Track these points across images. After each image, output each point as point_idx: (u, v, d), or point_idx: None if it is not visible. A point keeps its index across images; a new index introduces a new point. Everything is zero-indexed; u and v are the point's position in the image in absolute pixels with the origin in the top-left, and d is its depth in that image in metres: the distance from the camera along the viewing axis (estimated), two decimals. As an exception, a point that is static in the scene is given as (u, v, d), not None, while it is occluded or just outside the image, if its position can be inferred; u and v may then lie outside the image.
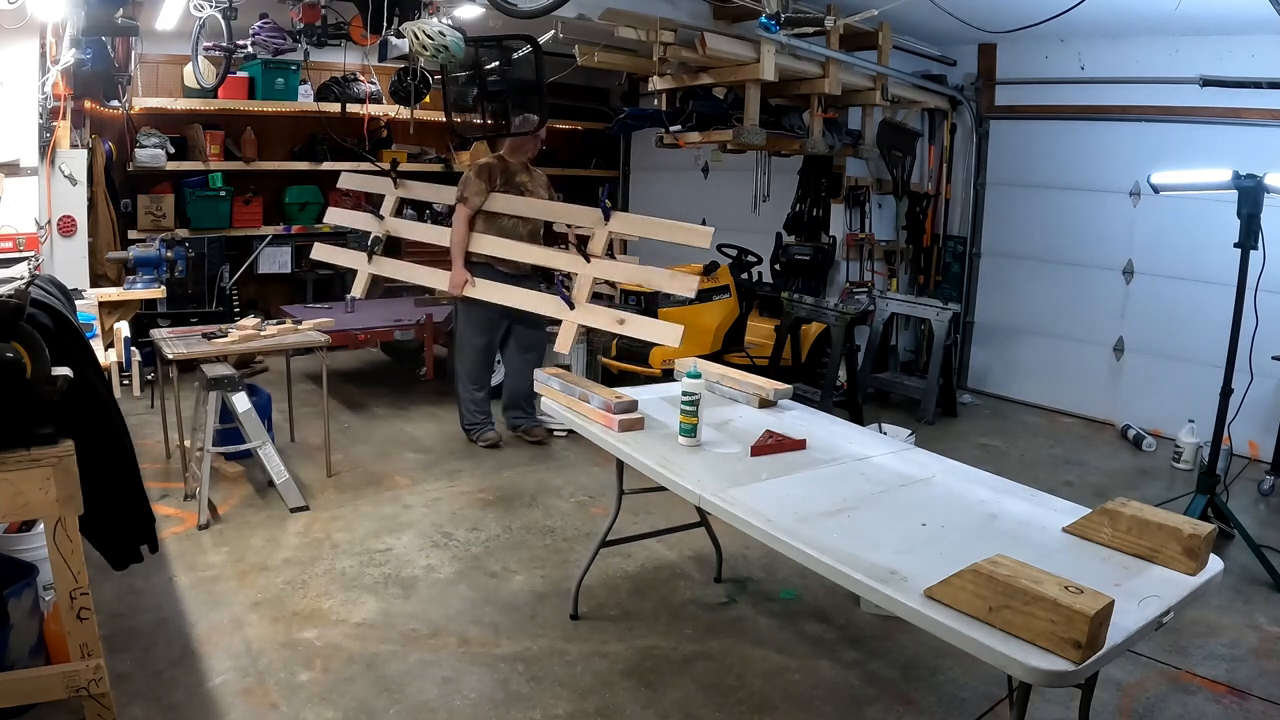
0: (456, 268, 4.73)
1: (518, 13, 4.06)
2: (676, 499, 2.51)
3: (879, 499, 2.32)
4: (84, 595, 2.01)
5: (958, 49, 6.59)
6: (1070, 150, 6.15)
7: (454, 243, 4.79)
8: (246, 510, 3.98)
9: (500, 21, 4.97)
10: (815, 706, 2.67)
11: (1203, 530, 1.90)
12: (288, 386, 5.11)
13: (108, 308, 4.86)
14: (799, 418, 3.06)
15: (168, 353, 4.00)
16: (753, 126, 5.27)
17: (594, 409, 2.87)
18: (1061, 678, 1.54)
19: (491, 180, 4.78)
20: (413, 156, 8.01)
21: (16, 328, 1.90)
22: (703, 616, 3.21)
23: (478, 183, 4.77)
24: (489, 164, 4.83)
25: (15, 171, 4.54)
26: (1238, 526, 3.78)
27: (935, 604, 1.71)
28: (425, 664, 2.81)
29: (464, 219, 4.77)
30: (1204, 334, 5.01)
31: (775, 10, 4.52)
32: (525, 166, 4.94)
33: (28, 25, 4.34)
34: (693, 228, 4.44)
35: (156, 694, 2.57)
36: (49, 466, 1.93)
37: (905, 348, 6.95)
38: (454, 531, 3.86)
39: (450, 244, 4.82)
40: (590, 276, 4.55)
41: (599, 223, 4.65)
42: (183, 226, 6.69)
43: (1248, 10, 4.44)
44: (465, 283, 4.70)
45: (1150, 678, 2.87)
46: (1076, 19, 4.43)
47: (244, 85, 6.88)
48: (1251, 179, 3.53)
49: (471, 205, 4.76)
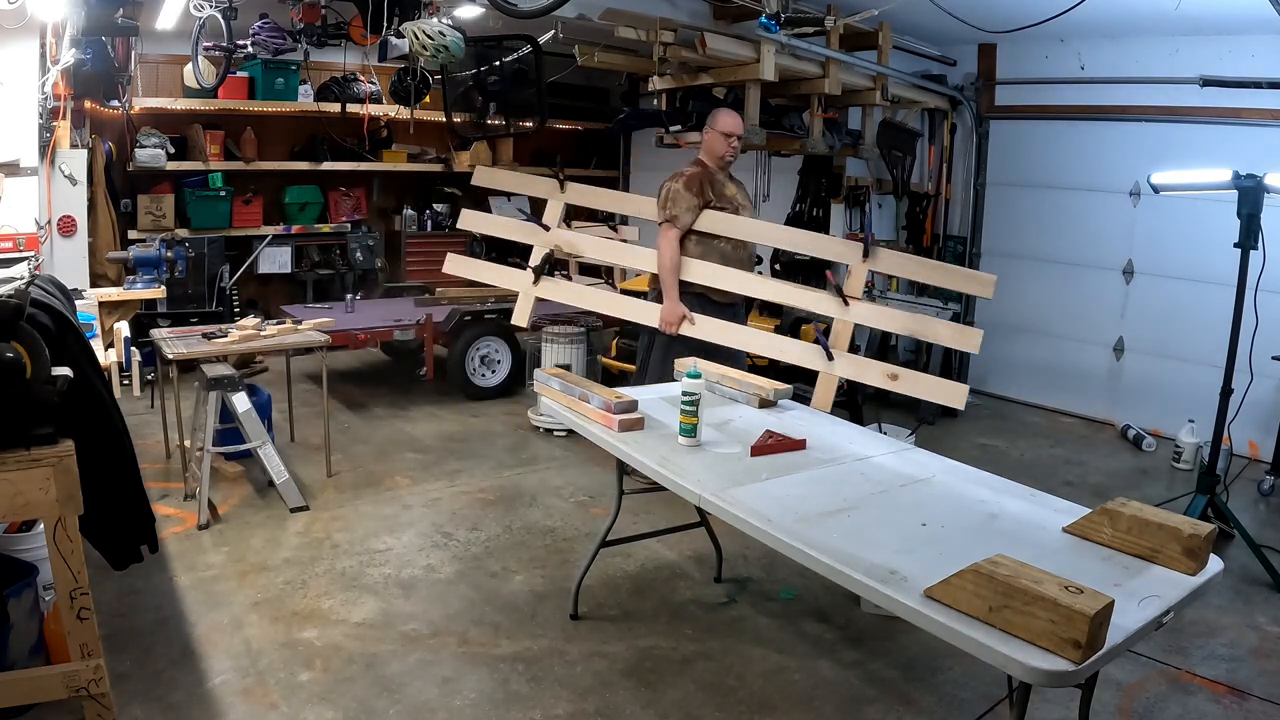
0: (670, 300, 3.99)
1: (518, 13, 4.06)
2: (676, 499, 2.51)
3: (879, 499, 2.32)
4: (84, 595, 2.01)
5: (958, 49, 6.59)
6: (1070, 150, 6.14)
7: (664, 269, 4.00)
8: (246, 510, 3.98)
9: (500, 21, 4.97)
10: (815, 706, 2.67)
11: (1203, 530, 1.90)
12: (288, 386, 5.11)
13: (108, 308, 4.86)
14: (799, 418, 3.06)
15: (168, 353, 4.00)
16: (753, 126, 5.27)
17: (594, 409, 2.86)
18: (1061, 678, 1.54)
19: (703, 194, 4.03)
20: (412, 156, 8.02)
21: (16, 328, 1.90)
22: (703, 616, 3.21)
23: (688, 197, 4.02)
24: (696, 174, 4.08)
25: (15, 171, 4.54)
26: (1238, 526, 3.78)
27: (935, 604, 1.71)
28: (425, 664, 2.81)
29: (673, 241, 4.00)
30: (1204, 334, 5.00)
31: (775, 10, 4.52)
32: (730, 175, 4.25)
33: (28, 25, 4.33)
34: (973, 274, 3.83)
35: (156, 694, 2.57)
36: (49, 466, 1.93)
37: (905, 348, 6.94)
38: (454, 531, 3.86)
39: (659, 270, 4.03)
40: (850, 324, 3.77)
41: (856, 258, 3.83)
42: (183, 226, 6.69)
43: (1248, 10, 4.44)
44: (683, 318, 3.95)
45: (1150, 678, 2.86)
46: (1076, 19, 4.43)
47: (244, 85, 6.88)
48: (1251, 179, 3.53)
49: (682, 225, 4.00)
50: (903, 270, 4.05)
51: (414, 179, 8.30)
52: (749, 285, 4.05)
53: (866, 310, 3.78)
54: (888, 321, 3.92)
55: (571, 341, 5.43)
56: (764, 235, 4.16)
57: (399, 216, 8.24)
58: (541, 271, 4.36)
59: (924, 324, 3.82)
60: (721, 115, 4.12)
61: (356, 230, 7.58)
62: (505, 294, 6.89)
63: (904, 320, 3.86)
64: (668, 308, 3.99)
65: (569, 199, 4.49)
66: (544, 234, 4.46)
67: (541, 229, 4.47)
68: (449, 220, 8.52)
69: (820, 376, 3.76)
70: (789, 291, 4.06)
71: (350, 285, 7.44)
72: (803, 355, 3.84)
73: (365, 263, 7.55)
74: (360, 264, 7.54)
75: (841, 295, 3.75)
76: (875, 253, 3.78)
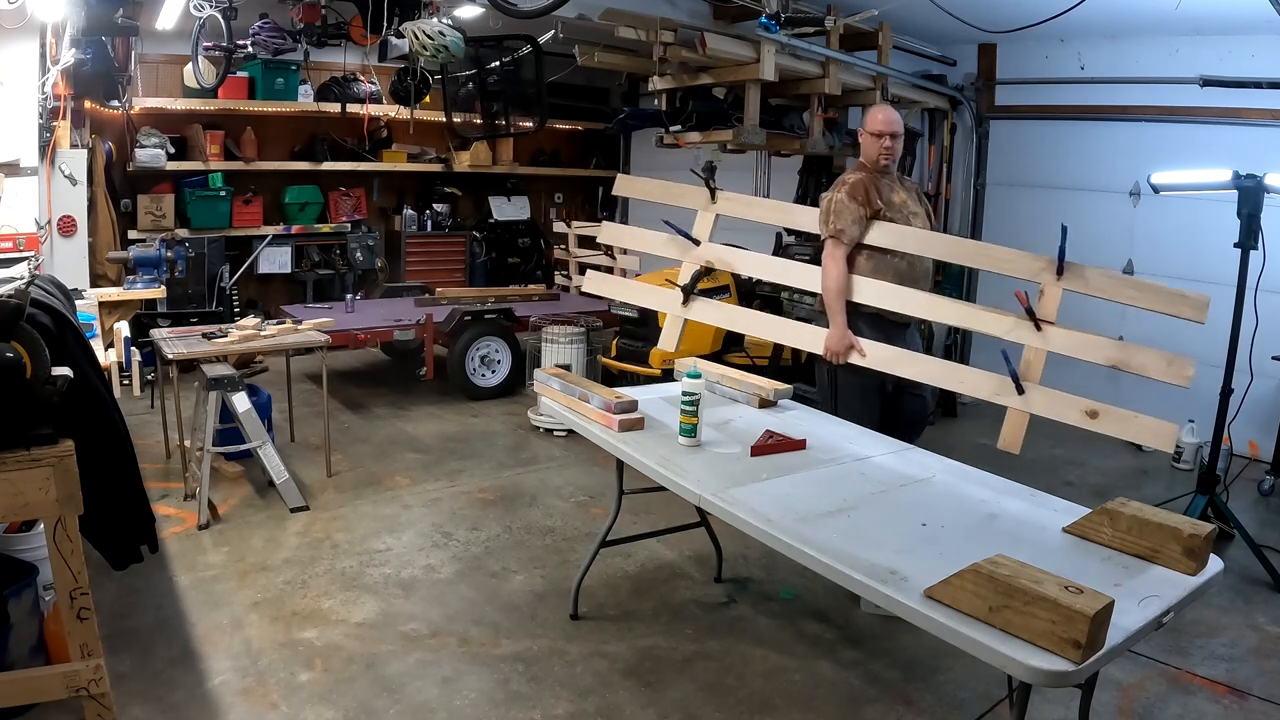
0: (836, 324, 3.43)
1: (518, 13, 4.06)
2: (676, 499, 2.51)
3: (879, 499, 2.32)
4: (84, 595, 2.01)
5: (958, 49, 6.59)
6: (1070, 150, 6.14)
7: (829, 291, 3.46)
8: (246, 510, 3.98)
9: (500, 21, 4.97)
10: (815, 706, 2.67)
11: (1203, 530, 1.90)
12: (288, 386, 5.11)
13: (108, 308, 4.86)
14: (799, 418, 3.06)
15: (168, 353, 4.00)
16: (753, 126, 5.27)
17: (594, 409, 2.86)
18: (1061, 678, 1.54)
19: (869, 203, 3.49)
20: (412, 156, 8.02)
21: (16, 328, 1.90)
22: (703, 616, 3.21)
23: (854, 208, 3.47)
24: (861, 181, 3.53)
25: (15, 171, 4.54)
26: (1238, 526, 3.78)
27: (935, 604, 1.71)
28: (425, 664, 2.81)
29: (840, 259, 3.48)
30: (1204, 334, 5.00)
31: (775, 10, 4.52)
32: (899, 179, 3.71)
33: (28, 25, 4.34)
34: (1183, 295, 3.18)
35: (156, 694, 2.57)
36: (49, 466, 1.93)
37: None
38: (454, 531, 3.86)
39: (824, 291, 3.49)
40: (1044, 351, 3.16)
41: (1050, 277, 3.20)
42: (183, 226, 6.69)
43: (1248, 10, 4.44)
44: (850, 347, 3.40)
45: (1150, 678, 2.86)
46: (1076, 19, 4.43)
47: (244, 85, 6.88)
48: (1251, 179, 3.53)
49: (849, 239, 3.47)
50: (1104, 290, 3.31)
51: (414, 179, 8.31)
52: (926, 306, 3.48)
53: (1064, 337, 3.14)
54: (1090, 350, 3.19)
55: (571, 341, 5.43)
56: (941, 249, 3.60)
57: (399, 216, 8.25)
58: (690, 291, 3.82)
59: (1129, 353, 3.16)
60: (871, 113, 3.65)
61: (356, 230, 7.59)
62: (505, 294, 6.94)
63: (1107, 349, 3.18)
64: (833, 334, 3.42)
65: (721, 210, 3.90)
66: (694, 249, 3.88)
67: (691, 244, 3.88)
68: (449, 220, 8.54)
69: (1010, 414, 3.12)
70: (973, 314, 3.45)
71: (350, 285, 7.45)
72: (984, 387, 3.21)
73: (365, 263, 7.56)
74: (360, 264, 7.55)
75: (1034, 319, 3.13)
76: (1073, 270, 3.18)
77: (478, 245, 8.76)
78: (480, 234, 8.77)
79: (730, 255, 3.90)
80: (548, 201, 9.44)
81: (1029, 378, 3.14)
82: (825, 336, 3.46)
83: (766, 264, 4.10)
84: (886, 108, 3.72)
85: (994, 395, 3.18)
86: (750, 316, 3.98)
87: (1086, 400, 3.11)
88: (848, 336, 3.41)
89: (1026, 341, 3.20)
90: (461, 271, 8.55)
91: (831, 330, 3.44)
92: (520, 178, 8.92)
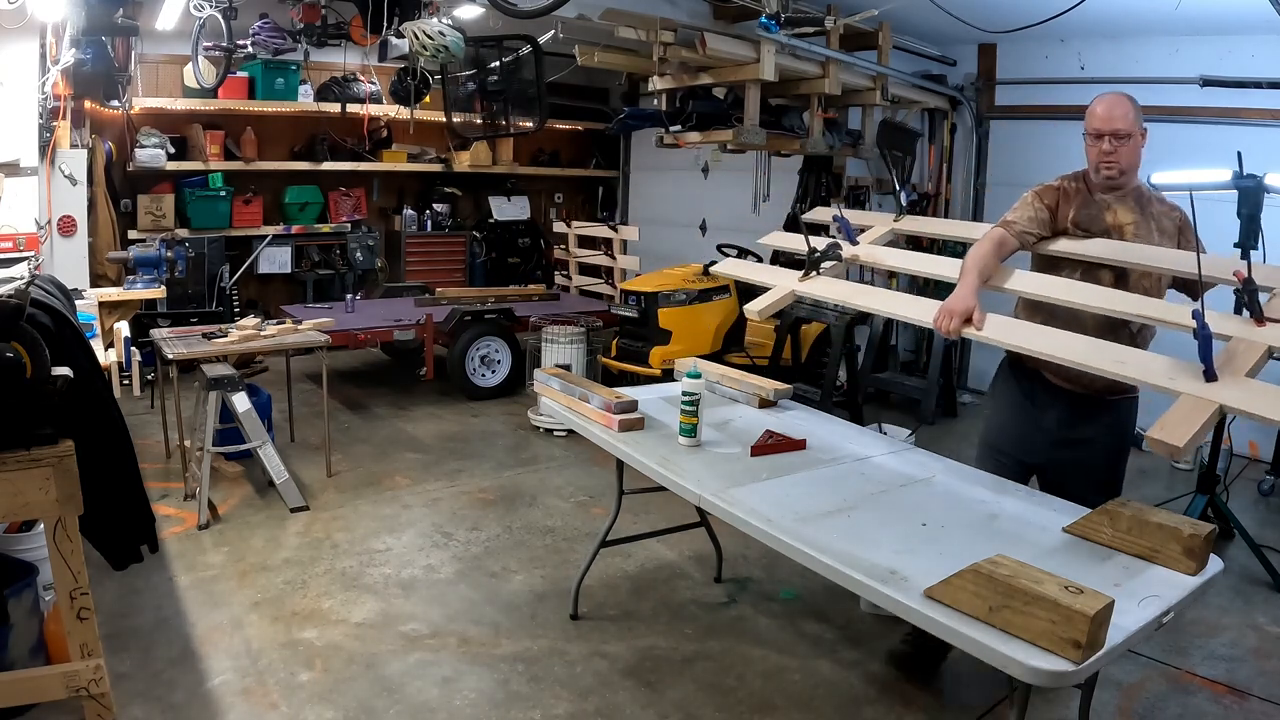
0: (962, 285, 2.64)
1: (518, 13, 4.06)
2: (676, 499, 2.51)
3: (879, 499, 2.32)
4: (84, 595, 2.01)
5: (958, 49, 6.59)
6: (1070, 150, 6.03)
7: (969, 257, 2.74)
8: (246, 510, 3.98)
9: (500, 21, 4.97)
10: (815, 706, 2.67)
11: (1203, 530, 1.90)
12: (288, 386, 5.11)
13: (108, 308, 4.86)
14: (799, 418, 3.05)
15: (168, 353, 4.00)
16: (753, 126, 5.27)
17: (594, 409, 2.86)
18: (1061, 678, 1.54)
19: (1056, 209, 2.78)
20: (412, 156, 8.02)
21: (16, 328, 1.90)
22: (703, 616, 3.21)
23: (1032, 203, 2.83)
24: (1057, 186, 2.85)
25: (15, 171, 4.55)
26: (1238, 526, 3.78)
27: (935, 604, 1.71)
28: (425, 664, 2.81)
29: (995, 238, 2.79)
30: (1204, 334, 5.00)
31: (775, 10, 4.52)
32: (1140, 201, 2.76)
33: (28, 25, 4.34)
34: None
35: (156, 694, 2.57)
36: (49, 466, 1.93)
37: (905, 347, 6.95)
38: (454, 531, 3.86)
39: (964, 263, 2.74)
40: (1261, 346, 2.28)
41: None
42: (183, 226, 6.70)
43: (1248, 10, 4.44)
44: (968, 311, 2.55)
45: (1150, 678, 2.86)
46: (1076, 19, 4.43)
47: (244, 85, 6.89)
48: (1251, 179, 3.53)
49: (1015, 233, 2.77)
50: None
51: (414, 179, 8.31)
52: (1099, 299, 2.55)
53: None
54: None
55: (571, 341, 5.43)
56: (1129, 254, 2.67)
57: (399, 216, 8.25)
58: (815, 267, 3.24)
59: None
60: (1090, 107, 2.77)
61: (356, 230, 7.59)
62: (505, 294, 6.94)
63: None
64: (955, 294, 2.62)
65: (903, 228, 3.62)
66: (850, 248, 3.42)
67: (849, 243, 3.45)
68: (449, 220, 8.55)
69: (1184, 400, 2.17)
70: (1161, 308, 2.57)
71: (350, 285, 7.45)
72: (1153, 370, 2.32)
73: (365, 263, 7.56)
74: (360, 264, 7.55)
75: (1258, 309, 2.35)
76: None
77: (478, 245, 8.76)
78: (480, 234, 8.77)
79: (878, 252, 3.43)
80: (548, 201, 9.44)
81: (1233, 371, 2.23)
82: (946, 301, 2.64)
83: (914, 259, 3.55)
84: (1108, 97, 2.74)
85: (1169, 380, 2.27)
86: (864, 292, 3.33)
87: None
88: (971, 300, 2.57)
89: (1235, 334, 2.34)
90: (461, 271, 8.55)
91: (954, 294, 2.63)
92: (520, 178, 8.93)
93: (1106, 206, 2.72)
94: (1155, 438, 2.02)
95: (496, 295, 6.79)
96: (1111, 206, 2.71)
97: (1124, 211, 2.71)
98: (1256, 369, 2.20)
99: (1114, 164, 2.66)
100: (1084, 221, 2.73)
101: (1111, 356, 2.38)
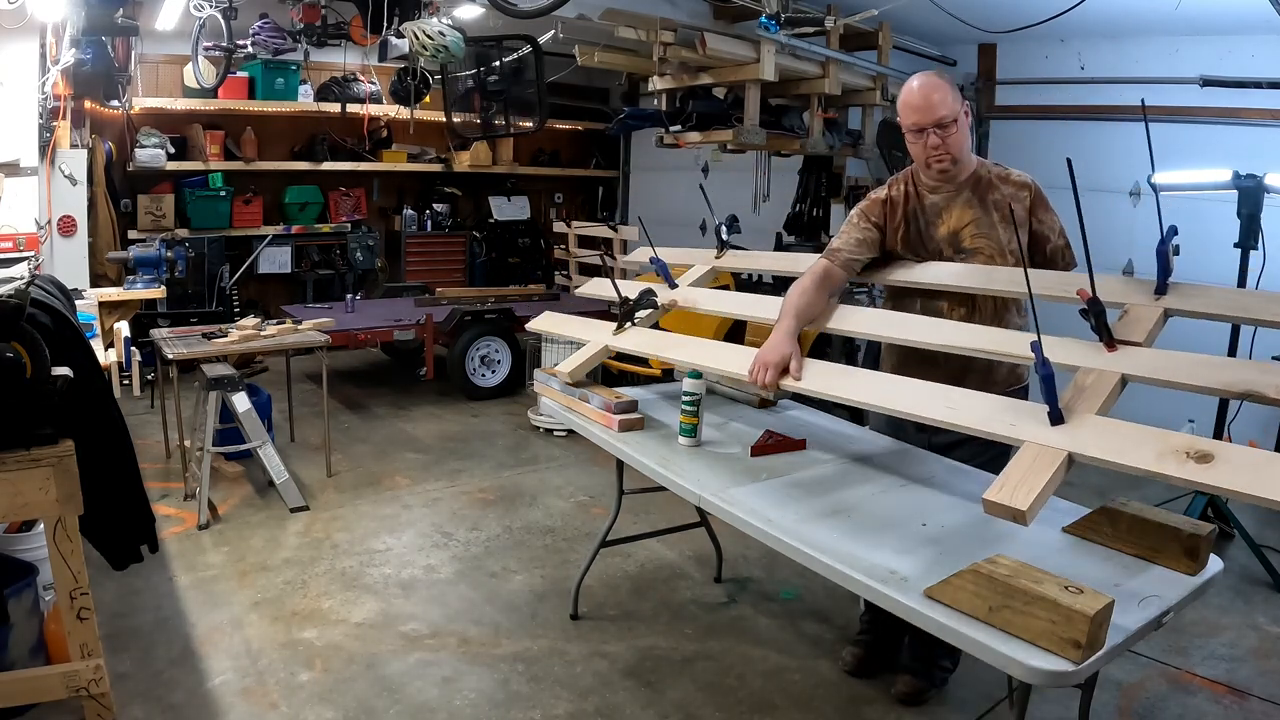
0: (777, 331, 2.50)
1: (518, 13, 4.06)
2: (676, 499, 2.51)
3: (879, 499, 2.31)
4: (84, 595, 2.01)
5: (958, 49, 6.59)
6: (1070, 150, 6.04)
7: (789, 296, 2.61)
8: (246, 510, 3.98)
9: (500, 21, 4.97)
10: (815, 706, 2.67)
11: (1203, 530, 1.90)
12: (288, 386, 5.11)
13: (108, 308, 4.86)
14: (799, 418, 3.05)
15: (168, 353, 4.00)
16: (753, 126, 5.27)
17: (594, 409, 2.86)
18: (1061, 678, 1.54)
19: (883, 221, 2.62)
20: (412, 156, 8.02)
21: (16, 328, 1.90)
22: (703, 616, 3.21)
23: (854, 223, 2.65)
24: (882, 198, 2.65)
25: (15, 171, 4.55)
26: (1238, 526, 3.78)
27: (935, 604, 1.71)
28: (425, 664, 2.81)
29: (815, 271, 2.64)
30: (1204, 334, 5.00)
31: (775, 10, 4.52)
32: (972, 187, 2.54)
33: (28, 25, 4.35)
34: None
35: (156, 694, 2.57)
36: (49, 466, 1.93)
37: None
38: (454, 531, 3.86)
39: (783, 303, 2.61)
40: (1113, 374, 2.03)
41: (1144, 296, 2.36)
42: (183, 226, 6.69)
43: (1248, 10, 4.43)
44: (784, 361, 2.39)
45: (1150, 678, 2.87)
46: (1076, 19, 4.42)
47: (244, 85, 6.88)
48: (1251, 179, 3.53)
49: (840, 262, 2.62)
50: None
51: (414, 179, 8.31)
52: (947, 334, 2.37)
53: (1146, 359, 2.09)
54: (1189, 373, 2.02)
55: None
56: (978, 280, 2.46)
57: (399, 216, 8.25)
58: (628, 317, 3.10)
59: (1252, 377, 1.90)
60: (901, 98, 2.53)
61: (356, 230, 7.59)
62: (505, 294, 6.94)
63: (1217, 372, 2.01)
64: (769, 342, 2.47)
65: (724, 264, 3.47)
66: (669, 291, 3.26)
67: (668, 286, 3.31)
68: (449, 220, 8.55)
69: (1026, 450, 1.85)
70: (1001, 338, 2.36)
71: (350, 285, 7.45)
72: (1003, 419, 2.00)
73: (365, 263, 7.56)
74: (360, 264, 7.55)
75: (1106, 332, 2.12)
76: (1176, 289, 2.38)
77: (478, 245, 8.76)
78: (480, 234, 8.77)
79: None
80: (548, 201, 9.44)
81: (1077, 409, 1.92)
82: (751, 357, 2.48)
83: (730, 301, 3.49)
84: (918, 82, 2.48)
85: (1008, 427, 1.95)
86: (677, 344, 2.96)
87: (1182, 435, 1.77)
88: (785, 346, 2.41)
89: (1081, 364, 2.11)
90: (461, 271, 8.55)
91: (766, 342, 2.46)
92: (520, 178, 8.93)
93: (939, 211, 2.53)
94: (994, 500, 1.72)
95: (496, 295, 6.79)
96: (947, 208, 2.52)
97: (960, 211, 2.51)
98: (1109, 404, 1.94)
99: (944, 156, 2.46)
100: (913, 243, 2.56)
101: (943, 403, 2.12)
